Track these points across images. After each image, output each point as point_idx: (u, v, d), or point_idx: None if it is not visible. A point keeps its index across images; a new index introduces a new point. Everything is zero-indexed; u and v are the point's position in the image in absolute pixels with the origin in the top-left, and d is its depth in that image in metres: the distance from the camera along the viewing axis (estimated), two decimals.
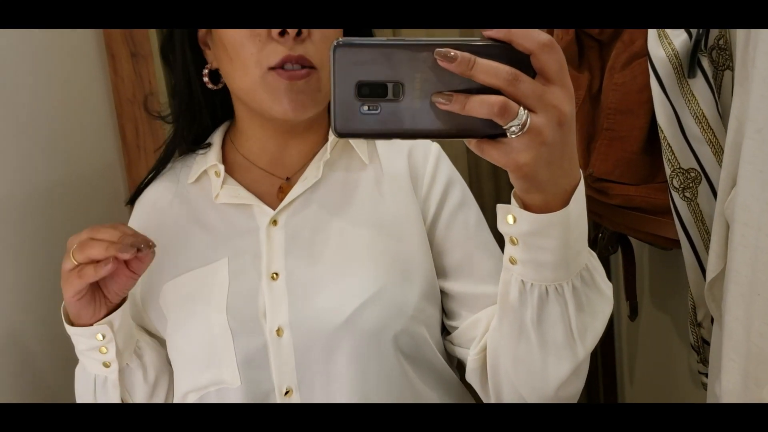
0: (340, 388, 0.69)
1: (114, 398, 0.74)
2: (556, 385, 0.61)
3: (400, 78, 0.45)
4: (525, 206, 0.52)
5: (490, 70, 0.43)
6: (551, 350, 0.59)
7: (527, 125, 0.44)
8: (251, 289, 0.71)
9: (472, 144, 0.47)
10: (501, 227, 0.55)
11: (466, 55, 0.43)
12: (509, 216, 0.53)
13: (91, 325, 0.69)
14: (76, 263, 0.65)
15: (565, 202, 0.51)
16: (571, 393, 0.63)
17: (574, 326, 0.57)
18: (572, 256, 0.54)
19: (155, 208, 0.80)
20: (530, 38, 0.44)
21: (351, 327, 0.68)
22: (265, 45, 0.68)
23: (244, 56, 0.69)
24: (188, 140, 0.80)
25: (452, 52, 0.43)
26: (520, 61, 0.44)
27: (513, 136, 0.45)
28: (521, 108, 0.44)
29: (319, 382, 0.69)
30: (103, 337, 0.70)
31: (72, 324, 0.70)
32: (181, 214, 0.78)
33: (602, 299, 0.58)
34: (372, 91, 0.45)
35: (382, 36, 0.55)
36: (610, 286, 0.60)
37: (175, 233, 0.76)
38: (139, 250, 0.65)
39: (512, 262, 0.56)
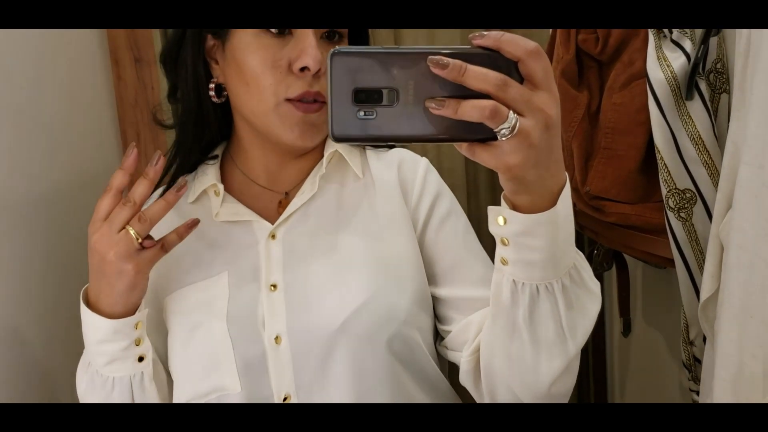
0: (336, 393, 0.70)
1: (152, 394, 0.73)
2: (549, 382, 0.62)
3: (395, 84, 0.46)
4: (514, 207, 0.54)
5: (480, 76, 0.45)
6: (543, 347, 0.60)
7: (516, 128, 0.46)
8: (251, 299, 0.72)
9: (463, 147, 0.49)
10: (492, 229, 0.57)
11: (458, 62, 0.45)
12: (500, 217, 0.55)
13: (133, 314, 0.70)
14: (139, 239, 0.67)
15: (553, 203, 0.53)
16: (563, 390, 0.65)
17: (565, 323, 0.59)
18: (560, 255, 0.56)
19: (157, 227, 0.80)
20: (518, 45, 0.46)
21: (345, 333, 0.69)
22: (284, 77, 0.70)
23: (262, 84, 0.70)
24: (196, 151, 0.80)
25: (444, 60, 0.45)
26: (508, 67, 0.47)
27: (503, 138, 0.46)
28: (510, 111, 0.46)
29: (317, 388, 0.70)
30: (138, 326, 0.70)
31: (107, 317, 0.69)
32: None
33: (591, 297, 0.60)
34: (368, 97, 0.47)
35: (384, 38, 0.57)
36: (598, 284, 0.62)
37: (176, 249, 0.76)
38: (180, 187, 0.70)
39: (503, 262, 0.58)
